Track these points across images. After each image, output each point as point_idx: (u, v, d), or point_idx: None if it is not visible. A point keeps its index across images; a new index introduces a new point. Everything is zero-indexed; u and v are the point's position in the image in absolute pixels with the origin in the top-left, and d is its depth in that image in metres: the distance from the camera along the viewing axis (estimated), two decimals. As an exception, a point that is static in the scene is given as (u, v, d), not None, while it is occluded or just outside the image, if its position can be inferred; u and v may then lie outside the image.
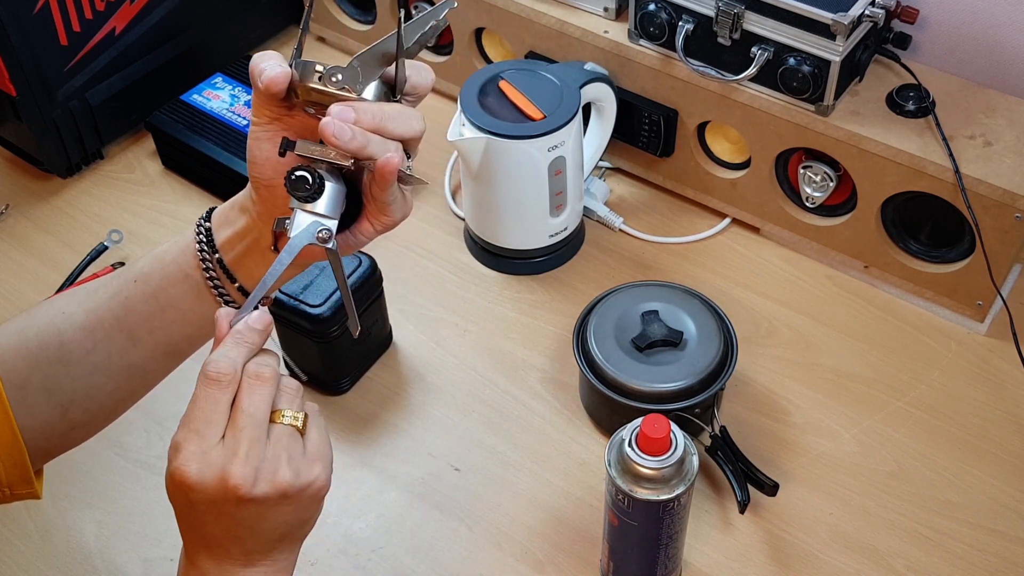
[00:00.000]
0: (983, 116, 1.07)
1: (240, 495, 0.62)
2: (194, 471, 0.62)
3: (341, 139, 0.64)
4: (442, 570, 0.95)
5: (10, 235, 1.24)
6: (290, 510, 0.65)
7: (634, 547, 0.87)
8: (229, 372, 0.64)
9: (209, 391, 0.63)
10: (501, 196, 1.12)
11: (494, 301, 1.16)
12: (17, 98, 1.20)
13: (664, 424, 0.80)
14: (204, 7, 1.35)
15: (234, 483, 0.62)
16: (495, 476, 1.01)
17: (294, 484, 0.64)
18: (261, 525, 0.64)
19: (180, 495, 0.63)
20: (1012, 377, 1.07)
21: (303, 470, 0.64)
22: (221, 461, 0.62)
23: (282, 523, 0.65)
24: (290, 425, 0.65)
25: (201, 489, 0.62)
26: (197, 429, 0.62)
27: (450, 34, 1.33)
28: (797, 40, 1.04)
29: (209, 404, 0.63)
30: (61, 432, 0.76)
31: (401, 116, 0.67)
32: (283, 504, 0.64)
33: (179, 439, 0.63)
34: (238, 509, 0.63)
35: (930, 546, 0.95)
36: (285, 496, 0.64)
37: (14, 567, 0.96)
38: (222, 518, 0.63)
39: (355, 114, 0.65)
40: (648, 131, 1.20)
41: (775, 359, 1.10)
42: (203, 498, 0.62)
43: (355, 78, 0.67)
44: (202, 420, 0.63)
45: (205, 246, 0.72)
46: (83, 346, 0.73)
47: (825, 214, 1.16)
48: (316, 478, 0.65)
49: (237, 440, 0.62)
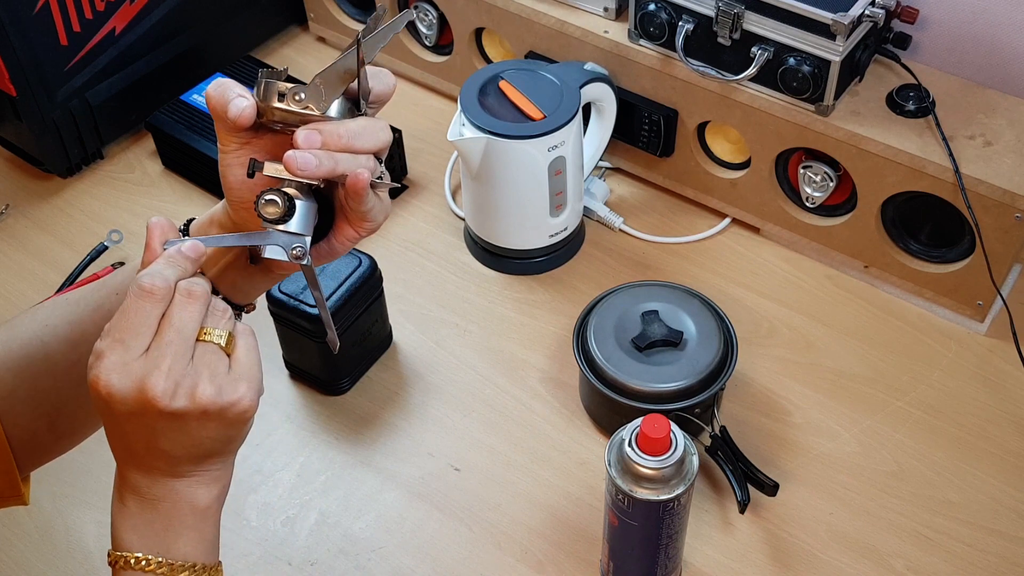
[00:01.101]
0: (983, 116, 1.07)
1: (159, 407, 0.61)
2: (115, 381, 0.61)
3: (308, 169, 0.64)
4: (442, 570, 0.95)
5: (10, 235, 1.24)
6: (213, 426, 0.64)
7: (634, 547, 0.87)
8: (163, 287, 0.63)
9: (140, 303, 0.63)
10: (501, 196, 1.12)
11: (494, 301, 1.16)
12: (17, 98, 1.20)
13: (664, 424, 0.80)
14: (204, 7, 1.35)
15: (152, 395, 0.61)
16: (495, 476, 1.01)
17: (216, 401, 0.63)
18: (182, 439, 0.64)
19: (101, 404, 0.63)
20: (1012, 377, 1.07)
21: (226, 388, 0.64)
22: (141, 372, 0.61)
23: (206, 439, 0.64)
24: (215, 343, 0.65)
25: (121, 399, 0.61)
26: (123, 339, 0.62)
27: (450, 34, 1.33)
28: (797, 40, 1.04)
29: (139, 316, 0.62)
30: (48, 441, 0.76)
31: (367, 131, 0.67)
32: (205, 421, 0.63)
33: (102, 347, 0.62)
34: (157, 421, 0.62)
35: (930, 546, 0.95)
36: (206, 413, 0.63)
37: (14, 567, 0.96)
38: (142, 429, 0.63)
39: (321, 137, 0.65)
40: (648, 131, 1.20)
41: (775, 359, 1.10)
42: (123, 409, 0.62)
43: (318, 96, 0.67)
44: (129, 331, 0.62)
45: None
46: (68, 358, 0.74)
47: (825, 214, 1.16)
48: (241, 397, 0.64)
49: (161, 353, 0.62)
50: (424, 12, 1.33)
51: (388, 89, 0.70)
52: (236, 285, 0.73)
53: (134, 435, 0.63)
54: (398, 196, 1.27)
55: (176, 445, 0.64)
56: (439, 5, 1.30)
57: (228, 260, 0.72)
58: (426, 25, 1.34)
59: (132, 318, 0.62)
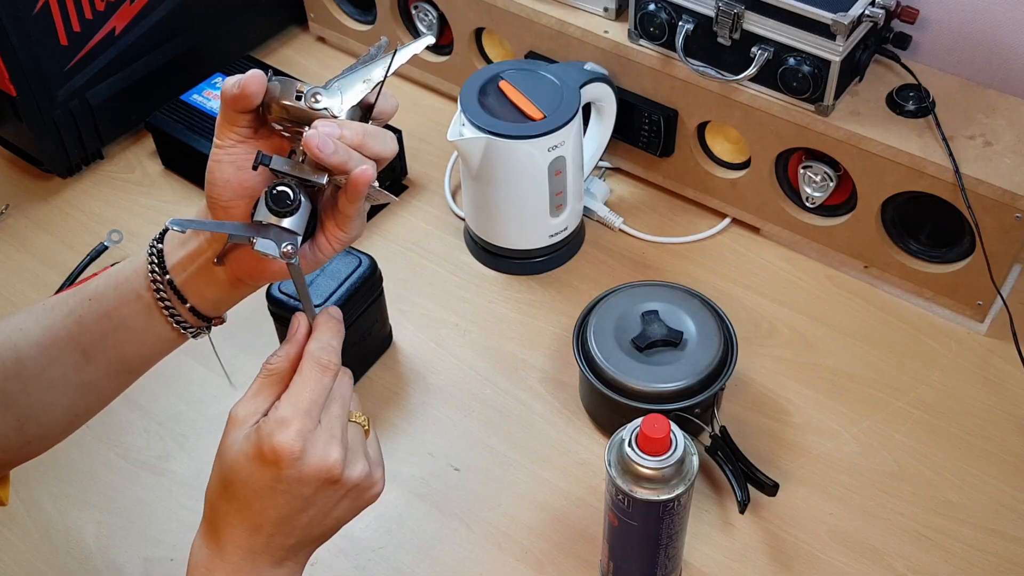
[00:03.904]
0: (983, 116, 1.07)
1: (333, 475, 0.65)
2: (300, 447, 0.64)
3: (324, 151, 0.65)
4: (442, 570, 0.95)
5: (10, 235, 1.24)
6: (347, 505, 0.67)
7: (634, 547, 0.87)
8: (337, 362, 0.68)
9: (321, 377, 0.66)
10: (501, 196, 1.12)
11: (494, 301, 1.16)
12: (17, 98, 1.20)
13: (664, 424, 0.80)
14: (204, 7, 1.35)
15: (332, 461, 0.64)
16: (495, 476, 1.01)
17: (366, 479, 0.67)
18: (321, 516, 0.66)
19: (267, 470, 0.64)
20: (1012, 377, 1.07)
21: (372, 469, 0.68)
22: (323, 442, 0.65)
23: (334, 517, 0.67)
24: (361, 425, 0.70)
25: (298, 466, 0.64)
26: (306, 410, 0.65)
27: (450, 34, 1.33)
28: (797, 40, 1.04)
29: (318, 389, 0.66)
30: (17, 445, 0.76)
31: (380, 136, 0.68)
32: (346, 497, 0.67)
33: (285, 415, 0.64)
34: (318, 491, 0.65)
35: (930, 546, 0.95)
36: (358, 487, 0.67)
37: (14, 567, 0.96)
38: (296, 500, 0.65)
39: (340, 130, 0.66)
40: (648, 131, 1.20)
41: (775, 359, 1.10)
42: (295, 475, 0.64)
43: (337, 100, 0.68)
44: (310, 403, 0.65)
45: (156, 267, 0.72)
46: (38, 362, 0.74)
47: (825, 214, 1.16)
48: (379, 480, 0.69)
49: (333, 425, 0.66)
50: (424, 12, 1.33)
51: (391, 109, 0.71)
52: (204, 294, 0.73)
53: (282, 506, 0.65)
54: (398, 196, 1.27)
55: (312, 520, 0.67)
56: (439, 5, 1.30)
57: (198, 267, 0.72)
58: (426, 25, 1.34)
59: (317, 389, 0.66)
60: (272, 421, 0.64)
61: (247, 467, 0.65)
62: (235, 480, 0.65)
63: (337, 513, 0.67)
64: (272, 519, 0.65)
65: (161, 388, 1.08)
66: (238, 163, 0.69)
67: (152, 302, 0.73)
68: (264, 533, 0.66)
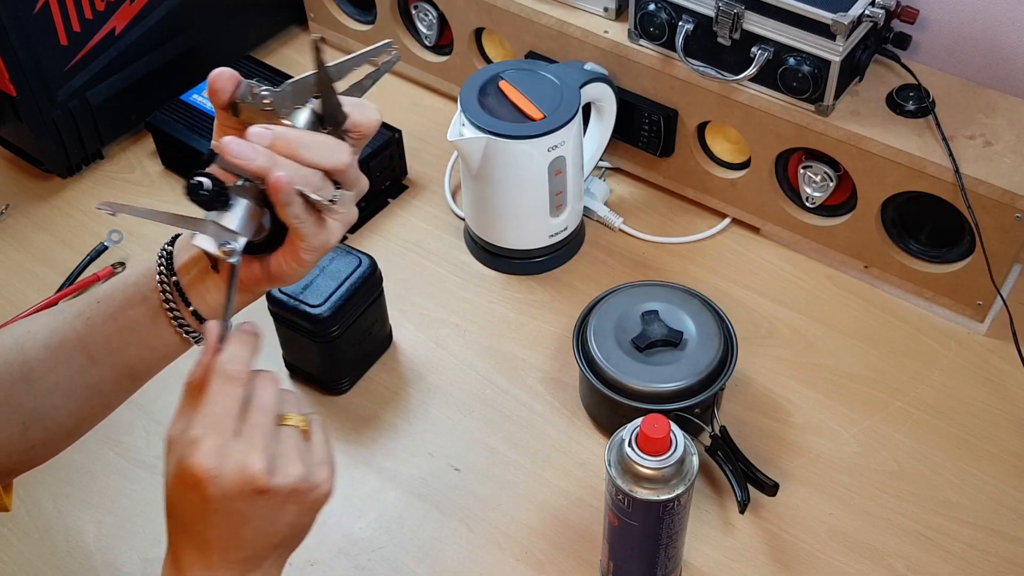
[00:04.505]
0: (983, 116, 1.07)
1: (258, 485, 0.62)
2: (214, 464, 0.62)
3: (241, 157, 0.64)
4: (442, 570, 0.95)
5: (10, 235, 1.24)
6: (294, 510, 0.65)
7: (634, 547, 0.87)
8: (244, 371, 0.65)
9: (228, 388, 0.64)
10: (501, 196, 1.12)
11: (494, 301, 1.16)
12: (17, 98, 1.20)
13: (664, 424, 0.80)
14: (204, 7, 1.35)
15: (252, 472, 0.62)
16: (495, 476, 1.01)
17: (306, 481, 0.64)
18: (265, 525, 0.64)
19: (192, 492, 0.62)
20: (1012, 377, 1.07)
21: (313, 470, 0.65)
22: (240, 455, 0.62)
23: (285, 525, 0.65)
24: (296, 427, 0.66)
25: (219, 483, 0.62)
26: (215, 425, 0.63)
27: (450, 34, 1.33)
28: (797, 40, 1.04)
29: (228, 401, 0.63)
30: (22, 450, 0.76)
31: (320, 145, 0.67)
32: (290, 503, 0.64)
33: (196, 434, 0.62)
34: (250, 504, 0.63)
35: (930, 546, 0.95)
36: (295, 492, 0.64)
37: (14, 567, 0.96)
38: (231, 516, 0.63)
39: (271, 136, 0.65)
40: (648, 131, 1.20)
41: (775, 359, 1.10)
42: (219, 493, 0.62)
43: (283, 101, 0.67)
44: (221, 416, 0.63)
45: (164, 269, 0.72)
46: (45, 364, 0.74)
47: (825, 214, 1.16)
48: (324, 480, 0.65)
49: (253, 435, 0.63)
50: (424, 12, 1.33)
51: (368, 121, 0.70)
52: (205, 298, 0.73)
53: (219, 523, 0.63)
54: (398, 196, 1.27)
55: (255, 532, 0.64)
56: (439, 5, 1.30)
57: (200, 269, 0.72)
58: (426, 25, 1.34)
59: (223, 403, 0.63)
60: (185, 442, 0.62)
61: (174, 492, 0.63)
62: (172, 505, 0.64)
63: (287, 520, 0.65)
64: (215, 537, 0.64)
65: (161, 388, 1.07)
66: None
67: (158, 305, 0.73)
68: (214, 552, 0.64)
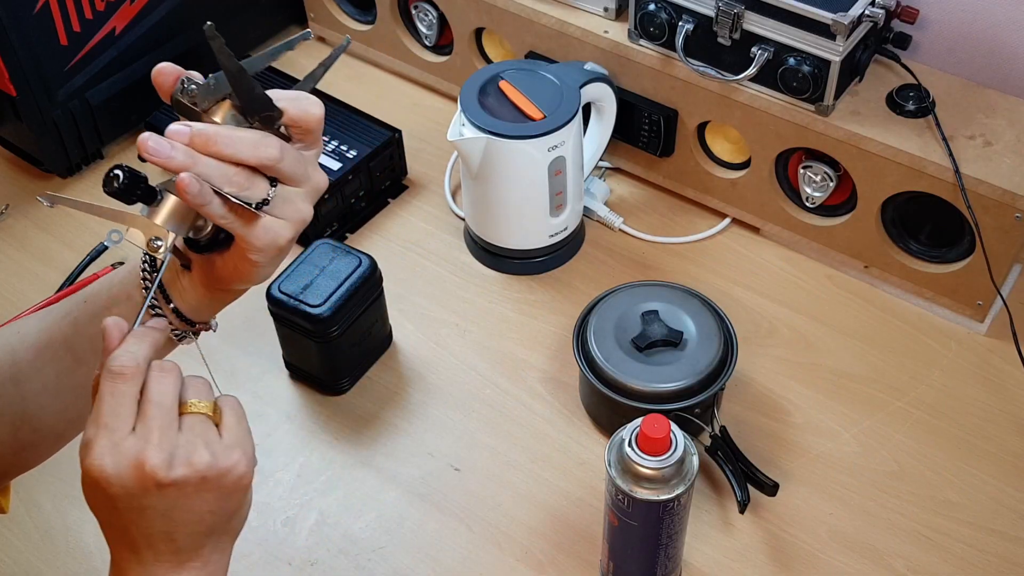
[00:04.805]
0: (983, 116, 1.07)
1: (158, 479, 0.60)
2: (109, 464, 0.60)
3: (159, 155, 0.63)
4: (442, 570, 0.95)
5: (10, 235, 1.24)
6: (211, 497, 0.63)
7: (634, 547, 0.87)
8: (132, 365, 0.63)
9: (115, 385, 0.62)
10: (501, 196, 1.12)
11: (494, 301, 1.16)
12: (17, 98, 1.20)
13: (664, 424, 0.80)
14: (204, 7, 1.35)
15: (150, 467, 0.60)
16: (495, 476, 1.01)
17: (213, 467, 0.62)
18: (184, 515, 0.63)
19: (98, 494, 0.61)
20: (1012, 377, 1.07)
21: (220, 454, 0.63)
22: (134, 451, 0.61)
23: (207, 513, 0.63)
24: (200, 413, 0.64)
25: (118, 482, 0.60)
26: (106, 423, 0.61)
27: (450, 34, 1.33)
28: (797, 40, 1.04)
29: (115, 398, 0.62)
30: (13, 451, 0.76)
31: (242, 141, 0.65)
32: (203, 490, 0.62)
33: (88, 436, 0.61)
34: (158, 498, 0.61)
35: (930, 546, 0.95)
36: (204, 480, 0.62)
37: (14, 567, 0.96)
38: (144, 512, 0.62)
39: (189, 132, 0.64)
40: (648, 131, 1.20)
41: (775, 359, 1.10)
42: (122, 491, 0.61)
43: (206, 93, 0.66)
44: (110, 414, 0.61)
45: (147, 266, 0.72)
46: (33, 364, 0.74)
47: (825, 214, 1.16)
48: (236, 463, 0.63)
49: (148, 428, 0.61)
50: (424, 12, 1.33)
51: (306, 115, 0.68)
52: (184, 297, 0.73)
53: (134, 522, 0.62)
54: (398, 196, 1.27)
55: (176, 524, 0.63)
56: (439, 5, 1.30)
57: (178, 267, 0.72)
58: (426, 25, 1.34)
59: (109, 401, 0.62)
60: (81, 446, 0.62)
61: (86, 495, 0.62)
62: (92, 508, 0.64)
63: (206, 508, 0.63)
64: (137, 535, 0.63)
65: (161, 388, 1.08)
66: None
67: (141, 303, 0.72)
68: (142, 548, 0.63)
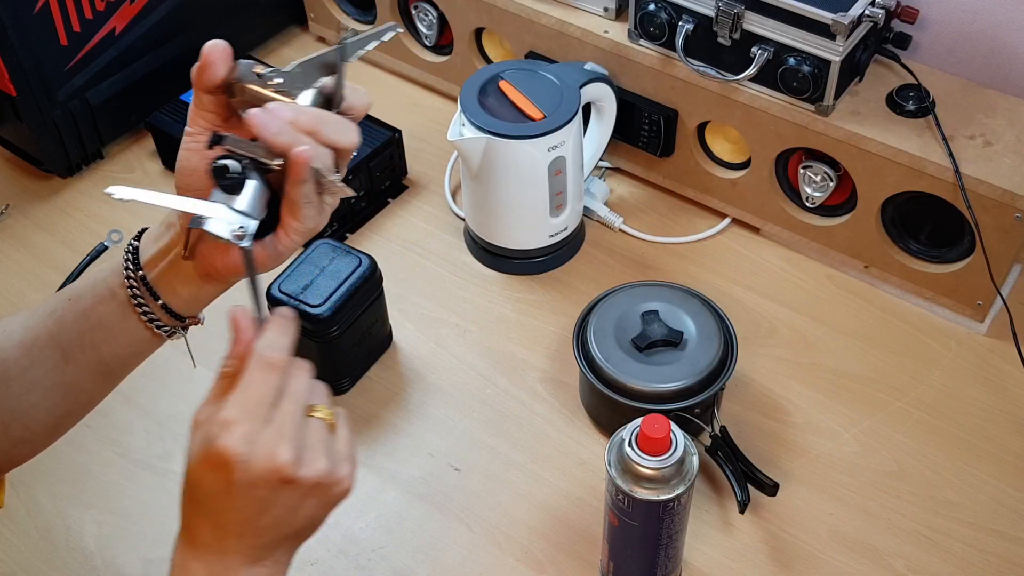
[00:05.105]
0: (983, 116, 1.07)
1: (284, 475, 0.62)
2: (244, 450, 0.61)
3: (268, 131, 0.63)
4: (442, 570, 0.95)
5: (10, 235, 1.24)
6: (314, 503, 0.64)
7: (634, 547, 0.87)
8: (284, 359, 0.64)
9: (268, 375, 0.63)
10: (501, 196, 1.12)
11: (494, 301, 1.16)
12: (17, 98, 1.20)
13: (664, 424, 0.80)
14: (204, 7, 1.35)
15: (281, 462, 0.61)
16: (495, 476, 1.01)
17: (329, 475, 0.64)
18: (284, 515, 0.64)
19: (218, 474, 0.62)
20: (1012, 377, 1.07)
21: (336, 465, 0.65)
22: (271, 443, 0.62)
23: (303, 517, 0.65)
24: (324, 420, 0.66)
25: (245, 468, 0.61)
26: (252, 411, 0.62)
27: (450, 34, 1.33)
28: (797, 40, 1.04)
29: (266, 388, 0.63)
30: (3, 448, 0.76)
31: (337, 124, 0.67)
32: (312, 496, 0.64)
33: (230, 418, 0.61)
34: (274, 492, 0.62)
35: (930, 546, 0.95)
36: (318, 486, 0.63)
37: (14, 567, 0.96)
38: (253, 503, 0.62)
39: (292, 114, 0.65)
40: (648, 131, 1.20)
41: (775, 359, 1.10)
42: (244, 478, 0.61)
43: (294, 83, 0.67)
44: (258, 402, 0.62)
45: (130, 263, 0.72)
46: (20, 363, 0.74)
47: (825, 214, 1.16)
48: (346, 476, 0.65)
49: (284, 423, 0.62)
50: (424, 12, 1.33)
51: (362, 104, 0.70)
52: (176, 291, 0.73)
53: (237, 508, 0.63)
54: (398, 196, 1.27)
55: (276, 521, 0.64)
56: (439, 5, 1.30)
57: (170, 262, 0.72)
58: (426, 25, 1.34)
59: (260, 389, 0.63)
60: (216, 424, 0.62)
61: (199, 471, 0.63)
62: (195, 485, 0.64)
63: (305, 512, 0.64)
64: (234, 521, 0.63)
65: (161, 388, 1.08)
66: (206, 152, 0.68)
67: (126, 300, 0.72)
68: (231, 535, 0.64)
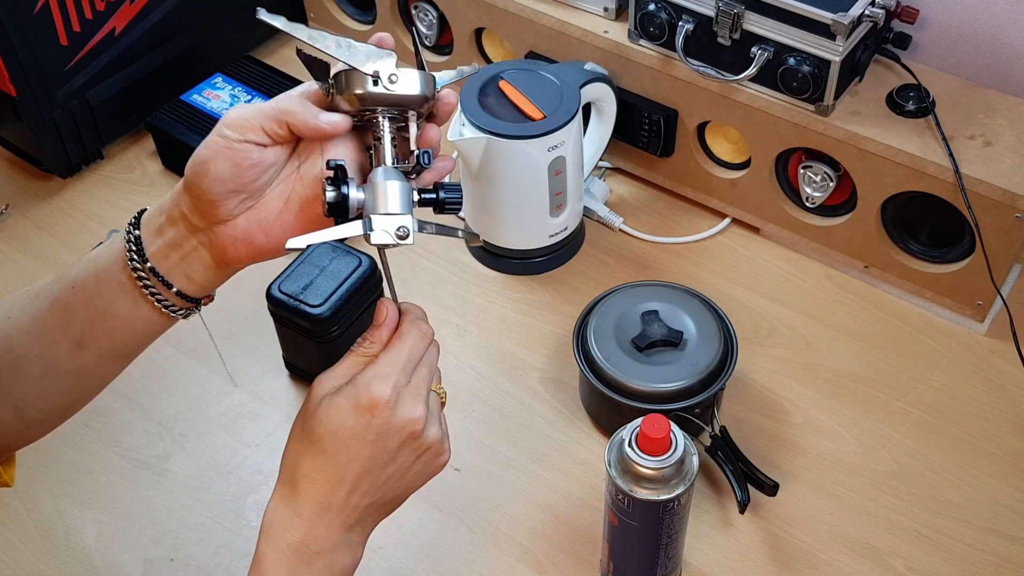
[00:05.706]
0: (983, 116, 1.07)
1: (415, 431, 0.70)
2: (392, 397, 0.68)
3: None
4: (442, 570, 0.95)
5: (10, 235, 1.24)
6: (420, 468, 0.72)
7: (634, 547, 0.87)
8: (432, 333, 0.74)
9: (418, 342, 0.72)
10: (501, 196, 1.12)
11: (494, 301, 1.16)
12: (17, 98, 1.20)
13: (664, 424, 0.80)
14: (204, 7, 1.35)
15: (416, 416, 0.69)
16: (495, 476, 1.01)
17: (441, 443, 0.72)
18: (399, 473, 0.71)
19: (358, 419, 0.68)
20: (1012, 377, 1.07)
21: (444, 438, 0.73)
22: (411, 398, 0.70)
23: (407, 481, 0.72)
24: (441, 398, 0.74)
25: (388, 416, 0.68)
26: (402, 368, 0.70)
27: (450, 34, 1.33)
28: (797, 40, 1.04)
29: (415, 352, 0.71)
30: (17, 430, 0.77)
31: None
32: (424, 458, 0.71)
33: (386, 371, 0.69)
34: (402, 446, 0.70)
35: (930, 546, 0.95)
36: (430, 450, 0.71)
37: (14, 567, 0.96)
38: (382, 452, 0.69)
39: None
40: (648, 131, 1.20)
41: (775, 359, 1.10)
42: (383, 424, 0.68)
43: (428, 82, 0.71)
44: (406, 361, 0.70)
45: (135, 255, 0.72)
46: (30, 351, 0.74)
47: (825, 214, 1.16)
48: (447, 450, 0.73)
49: (420, 386, 0.71)
50: (424, 12, 1.33)
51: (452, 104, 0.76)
52: (192, 278, 0.73)
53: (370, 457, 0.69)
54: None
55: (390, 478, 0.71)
56: (439, 5, 1.30)
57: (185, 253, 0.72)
58: (426, 25, 1.34)
59: (409, 353, 0.71)
60: (371, 373, 0.69)
61: (339, 418, 0.68)
62: (324, 433, 0.69)
63: (410, 476, 0.71)
64: (356, 472, 0.69)
65: (161, 388, 1.08)
66: (235, 159, 0.68)
67: (135, 289, 0.72)
68: (345, 487, 0.69)
